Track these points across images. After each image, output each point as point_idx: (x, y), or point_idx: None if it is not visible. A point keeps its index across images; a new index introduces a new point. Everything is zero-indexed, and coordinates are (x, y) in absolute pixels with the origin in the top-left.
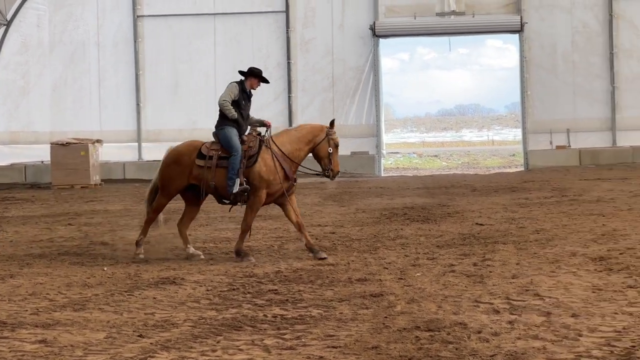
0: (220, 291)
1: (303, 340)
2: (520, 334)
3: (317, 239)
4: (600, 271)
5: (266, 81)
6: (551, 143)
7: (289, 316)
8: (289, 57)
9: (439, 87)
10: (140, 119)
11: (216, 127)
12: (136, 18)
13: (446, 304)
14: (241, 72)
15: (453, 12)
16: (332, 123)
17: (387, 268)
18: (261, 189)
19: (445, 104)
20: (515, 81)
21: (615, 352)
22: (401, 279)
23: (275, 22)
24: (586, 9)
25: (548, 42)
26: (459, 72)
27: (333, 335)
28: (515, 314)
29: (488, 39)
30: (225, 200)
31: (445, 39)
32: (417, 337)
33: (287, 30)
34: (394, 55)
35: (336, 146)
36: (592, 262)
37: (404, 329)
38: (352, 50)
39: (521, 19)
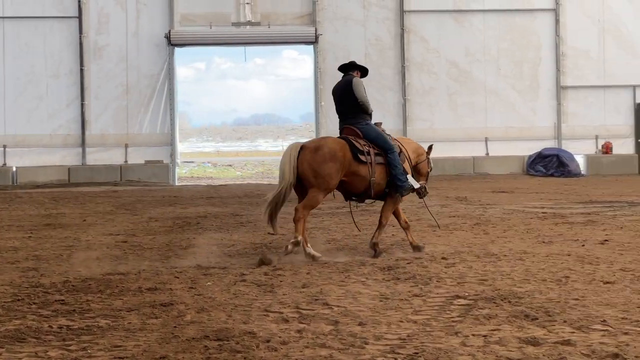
0: (4, 302)
1: (89, 351)
2: (308, 343)
3: (107, 247)
4: (388, 280)
5: (365, 74)
6: None
7: (76, 327)
8: (82, 64)
9: (235, 96)
10: None
11: (355, 122)
12: None
13: (236, 313)
14: (352, 66)
15: (249, 23)
16: (430, 148)
17: (178, 277)
18: None
19: (241, 114)
20: (310, 92)
21: (398, 359)
22: (192, 288)
23: (68, 28)
24: (379, 23)
25: (342, 54)
26: (255, 82)
27: (120, 346)
28: (304, 323)
29: (284, 49)
30: (366, 198)
31: (241, 49)
32: (205, 346)
33: (80, 37)
34: (191, 64)
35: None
36: (381, 271)
37: (193, 338)
38: (147, 58)
39: (316, 30)
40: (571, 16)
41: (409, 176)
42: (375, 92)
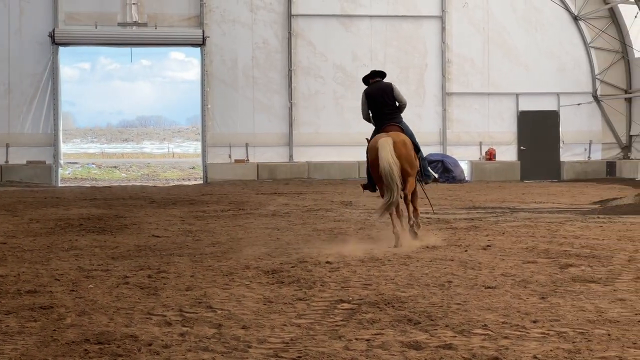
0: None
1: None
2: (191, 346)
3: None
4: (272, 284)
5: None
6: (230, 157)
7: None
8: None
9: (121, 98)
10: None
11: (398, 121)
12: None
13: (118, 316)
14: (374, 74)
15: (135, 23)
16: None
17: (58, 279)
18: None
19: (127, 115)
20: (197, 94)
21: None
22: (73, 290)
23: None
24: (266, 26)
25: (229, 57)
26: (141, 83)
27: None
28: (187, 326)
29: (171, 51)
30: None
31: (127, 49)
32: (86, 350)
33: None
34: (76, 64)
35: None
36: (265, 275)
37: (73, 342)
38: (30, 57)
39: (203, 32)
40: (457, 24)
41: (429, 167)
42: (262, 96)
